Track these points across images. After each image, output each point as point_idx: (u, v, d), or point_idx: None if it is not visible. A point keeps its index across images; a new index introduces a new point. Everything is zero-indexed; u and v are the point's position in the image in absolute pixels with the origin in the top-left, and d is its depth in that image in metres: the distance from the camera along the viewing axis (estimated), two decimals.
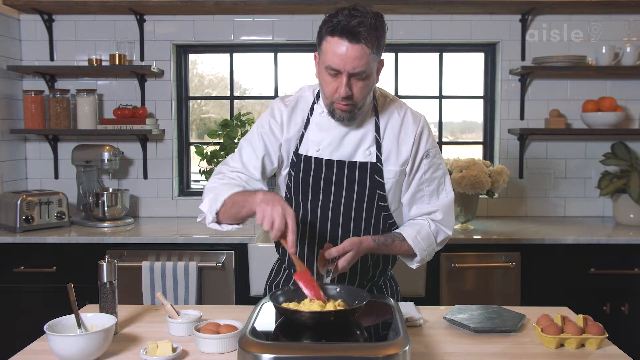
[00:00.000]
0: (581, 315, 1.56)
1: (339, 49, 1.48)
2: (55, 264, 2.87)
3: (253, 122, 3.53)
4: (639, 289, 2.83)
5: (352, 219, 1.66)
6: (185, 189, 3.65)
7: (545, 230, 3.05)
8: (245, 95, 3.75)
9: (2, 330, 2.88)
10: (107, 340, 1.41)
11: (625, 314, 2.82)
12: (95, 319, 1.50)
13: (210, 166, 3.52)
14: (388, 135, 1.65)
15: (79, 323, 1.47)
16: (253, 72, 3.68)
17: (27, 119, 3.30)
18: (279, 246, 1.83)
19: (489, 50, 3.51)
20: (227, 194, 1.59)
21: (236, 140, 3.48)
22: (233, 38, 3.44)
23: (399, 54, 3.56)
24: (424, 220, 1.71)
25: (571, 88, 3.43)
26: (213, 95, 3.80)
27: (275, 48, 3.54)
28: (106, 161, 3.23)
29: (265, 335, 1.28)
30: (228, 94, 3.65)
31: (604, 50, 3.23)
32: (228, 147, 3.46)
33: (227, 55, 3.59)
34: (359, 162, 1.64)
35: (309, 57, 3.57)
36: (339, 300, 1.43)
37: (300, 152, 1.67)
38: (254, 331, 1.26)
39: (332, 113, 1.60)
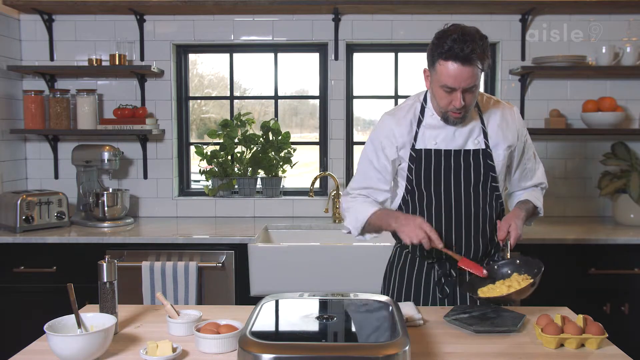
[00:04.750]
0: (581, 315, 1.56)
1: (454, 72, 1.74)
2: (55, 264, 2.87)
3: (253, 122, 3.54)
4: (639, 289, 2.83)
5: (471, 199, 1.91)
6: (185, 189, 3.65)
7: (545, 230, 3.05)
8: (245, 95, 3.74)
9: (2, 330, 2.88)
10: (107, 340, 1.41)
11: (625, 314, 2.82)
12: (95, 319, 1.50)
13: (210, 166, 3.53)
14: (492, 125, 1.94)
15: (79, 323, 1.48)
16: (253, 72, 3.68)
17: (27, 119, 3.30)
18: (397, 237, 2.00)
19: (489, 50, 3.50)
20: (367, 214, 1.96)
21: (236, 140, 3.48)
22: (233, 38, 3.44)
23: (399, 54, 3.56)
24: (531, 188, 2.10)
25: (571, 88, 3.43)
26: (213, 95, 3.80)
27: (275, 48, 3.54)
28: (106, 161, 3.23)
29: (265, 335, 1.28)
30: (228, 94, 3.65)
31: (604, 50, 3.23)
32: (228, 147, 3.46)
33: (227, 55, 3.59)
34: (472, 149, 1.91)
35: (308, 57, 3.57)
36: (524, 274, 1.74)
37: (417, 147, 1.91)
38: (254, 331, 1.26)
39: (445, 119, 1.88)
